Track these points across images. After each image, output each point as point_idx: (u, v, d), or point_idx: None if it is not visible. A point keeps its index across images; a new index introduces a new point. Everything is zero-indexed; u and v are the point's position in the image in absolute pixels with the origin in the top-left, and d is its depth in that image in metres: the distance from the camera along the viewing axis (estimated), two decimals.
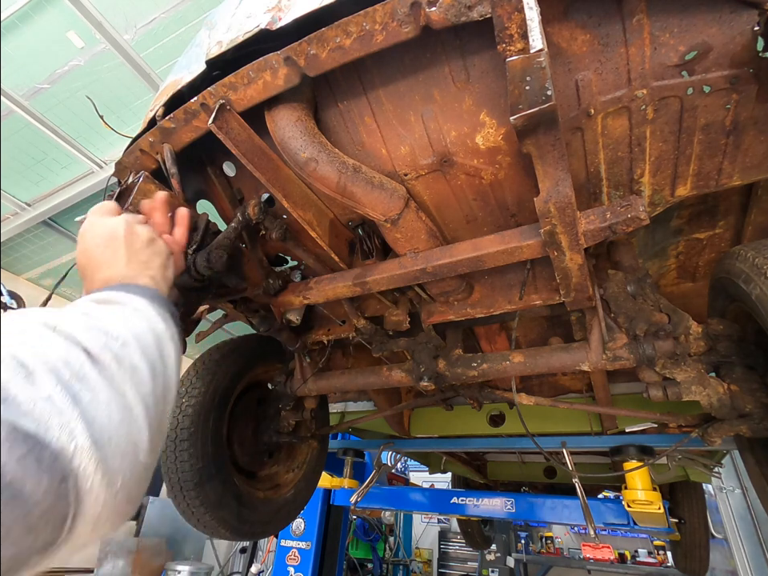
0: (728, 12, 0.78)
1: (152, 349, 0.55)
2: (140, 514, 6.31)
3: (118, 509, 0.43)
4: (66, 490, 0.36)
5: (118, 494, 0.42)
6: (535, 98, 0.69)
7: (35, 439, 0.34)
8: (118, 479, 0.42)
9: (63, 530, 0.37)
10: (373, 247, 1.30)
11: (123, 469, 0.43)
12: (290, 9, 0.87)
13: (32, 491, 0.34)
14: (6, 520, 0.32)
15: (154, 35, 3.39)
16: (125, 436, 0.44)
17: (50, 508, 0.35)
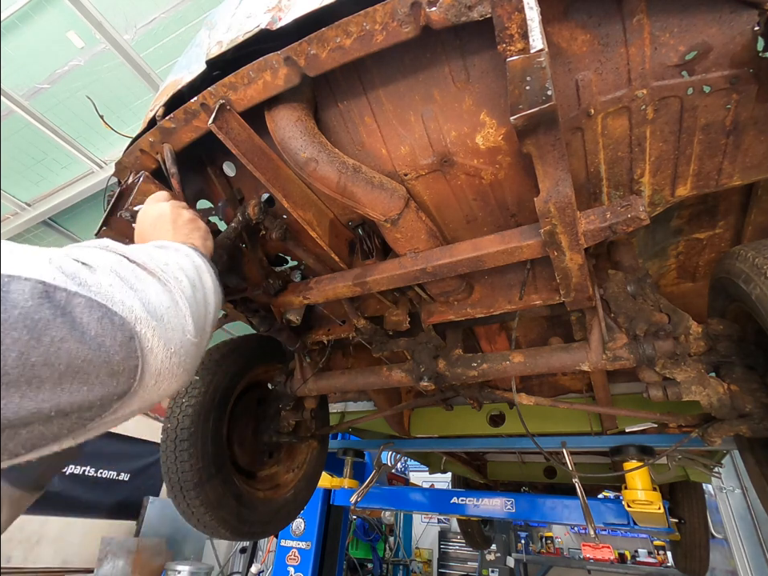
0: (728, 12, 0.78)
1: (192, 273, 0.66)
2: (140, 513, 6.31)
3: (174, 370, 0.54)
4: (133, 346, 0.47)
5: (172, 358, 0.54)
6: (535, 98, 0.69)
7: (106, 308, 0.45)
8: (170, 346, 0.53)
9: (135, 378, 0.48)
10: (373, 247, 1.30)
11: (174, 339, 0.54)
12: (290, 9, 0.87)
13: (111, 344, 0.45)
14: (96, 364, 0.43)
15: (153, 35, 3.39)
16: (174, 318, 0.55)
17: (124, 358, 0.46)
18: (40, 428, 0.41)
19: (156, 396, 0.54)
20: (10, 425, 0.38)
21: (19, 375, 0.37)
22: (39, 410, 0.39)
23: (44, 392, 0.39)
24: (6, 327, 0.37)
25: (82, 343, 0.42)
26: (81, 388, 0.42)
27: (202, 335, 0.63)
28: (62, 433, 0.43)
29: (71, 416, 0.43)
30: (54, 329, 0.40)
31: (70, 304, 0.42)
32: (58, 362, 0.40)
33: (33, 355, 0.38)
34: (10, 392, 0.37)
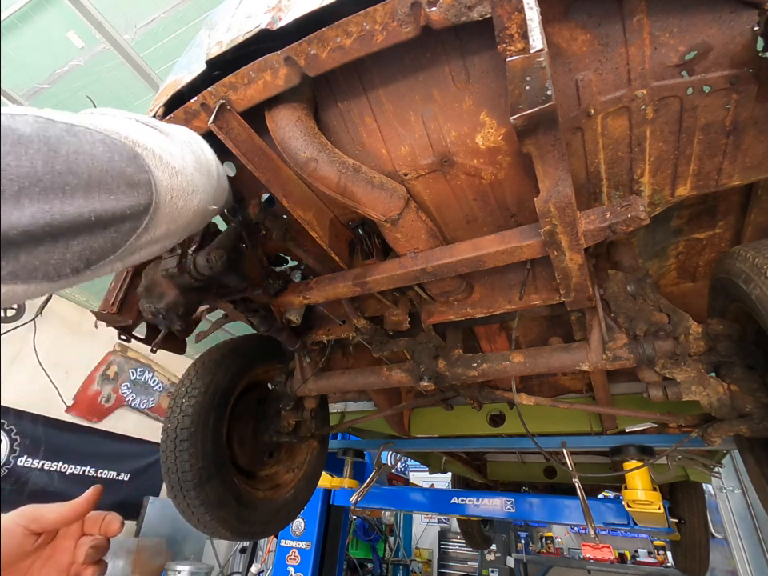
0: (728, 12, 0.78)
1: (186, 132, 0.73)
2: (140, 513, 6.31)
3: (184, 188, 0.59)
4: (140, 162, 0.52)
5: (178, 176, 0.58)
6: (535, 98, 0.69)
7: (104, 134, 0.49)
8: (173, 165, 0.58)
9: (152, 190, 0.53)
10: (373, 247, 1.30)
11: (174, 161, 0.58)
12: (290, 9, 0.87)
13: (119, 159, 0.49)
14: (113, 174, 0.48)
15: (154, 35, 3.39)
16: (169, 146, 0.60)
17: (136, 171, 0.51)
18: (88, 239, 0.46)
19: (177, 214, 0.59)
20: (60, 231, 0.42)
21: (51, 181, 0.41)
22: (80, 214, 0.44)
23: (78, 198, 0.44)
24: (24, 140, 0.41)
25: (95, 157, 0.46)
26: (108, 197, 0.47)
27: (207, 172, 0.69)
28: (107, 246, 0.49)
29: (110, 228, 0.48)
30: (66, 144, 0.44)
31: (72, 129, 0.46)
32: (80, 171, 0.44)
33: (56, 163, 0.42)
34: (49, 197, 0.41)
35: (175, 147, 0.62)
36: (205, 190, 0.67)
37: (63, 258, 0.44)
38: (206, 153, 0.75)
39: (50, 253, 0.43)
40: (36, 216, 0.40)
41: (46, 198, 0.41)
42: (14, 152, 0.40)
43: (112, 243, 0.49)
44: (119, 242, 0.50)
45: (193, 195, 0.62)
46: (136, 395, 6.79)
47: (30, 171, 0.40)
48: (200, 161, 0.69)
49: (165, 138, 0.62)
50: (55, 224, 0.42)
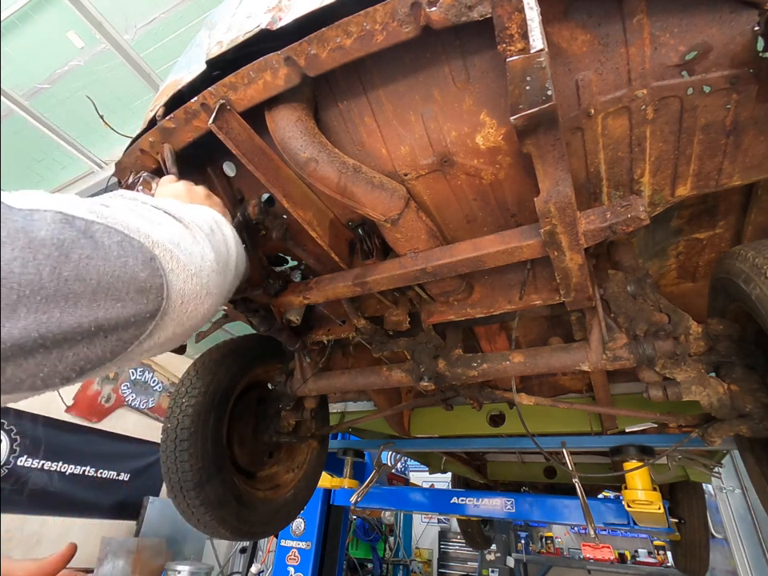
0: (728, 12, 0.77)
1: (209, 220, 0.70)
2: (140, 513, 6.31)
3: (197, 291, 0.57)
4: (155, 265, 0.50)
5: (194, 279, 0.57)
6: (535, 98, 0.69)
7: (123, 233, 0.48)
8: (190, 267, 0.56)
9: (163, 296, 0.51)
10: (373, 247, 1.30)
11: (193, 262, 0.57)
12: (290, 9, 0.87)
13: (134, 263, 0.48)
14: (124, 280, 0.46)
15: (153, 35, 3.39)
16: (190, 245, 0.59)
17: (149, 276, 0.49)
18: (84, 349, 0.43)
19: (185, 319, 0.56)
20: (56, 342, 0.40)
21: (56, 290, 0.40)
22: (80, 324, 0.42)
23: (81, 308, 0.42)
24: (35, 245, 0.39)
25: (108, 261, 0.45)
26: (115, 304, 0.45)
27: (224, 269, 0.67)
28: (105, 355, 0.46)
29: (111, 336, 0.46)
30: (80, 247, 0.43)
31: (89, 229, 0.45)
32: (89, 278, 0.43)
33: (65, 270, 0.41)
34: (50, 306, 0.39)
35: (196, 245, 0.60)
36: (219, 292, 0.64)
37: (54, 370, 0.41)
38: (227, 242, 0.72)
39: (40, 365, 0.40)
40: (30, 327, 0.38)
41: (46, 307, 0.39)
42: (21, 257, 0.38)
43: (111, 351, 0.46)
44: (119, 349, 0.47)
45: (205, 298, 0.59)
46: (136, 395, 6.79)
47: (33, 278, 0.38)
48: (220, 255, 0.66)
49: (188, 233, 0.59)
50: (50, 336, 0.40)
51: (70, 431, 5.88)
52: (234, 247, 0.74)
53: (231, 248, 0.73)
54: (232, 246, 0.74)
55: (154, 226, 0.54)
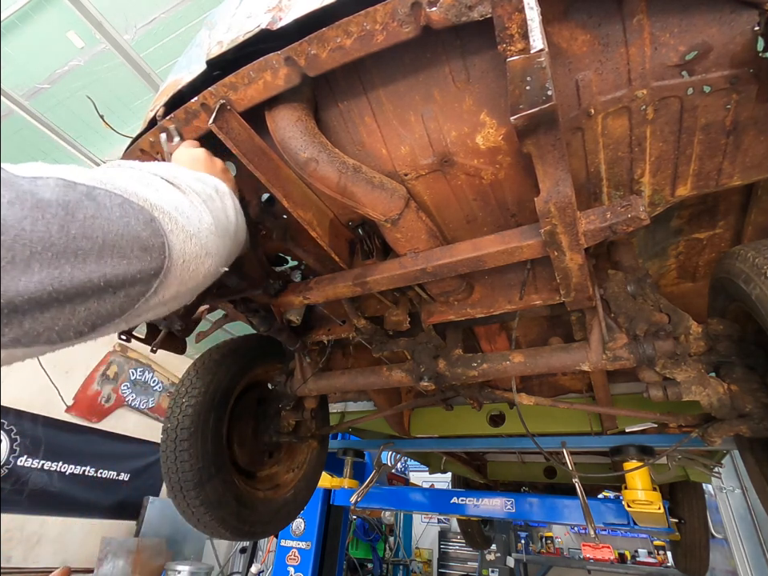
0: (728, 12, 0.78)
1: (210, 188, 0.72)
2: (140, 513, 6.31)
3: (197, 252, 0.60)
4: (156, 226, 0.53)
5: (192, 239, 0.59)
6: (535, 98, 0.69)
7: (123, 197, 0.50)
8: (189, 229, 0.58)
9: (165, 254, 0.53)
10: (373, 247, 1.30)
11: (191, 224, 0.59)
12: (290, 9, 0.87)
13: (135, 223, 0.50)
14: (128, 239, 0.48)
15: (154, 35, 3.39)
16: (187, 208, 0.60)
17: (151, 235, 0.51)
18: (95, 304, 0.46)
19: (188, 277, 0.59)
20: (68, 296, 0.42)
21: (65, 246, 0.42)
22: (90, 279, 0.44)
23: (90, 263, 0.44)
24: (42, 205, 0.41)
25: (111, 221, 0.47)
26: (121, 261, 0.47)
27: (223, 233, 0.69)
28: (114, 311, 0.48)
29: (119, 292, 0.48)
30: (84, 208, 0.45)
31: (91, 193, 0.47)
32: (95, 235, 0.45)
33: (72, 228, 0.43)
34: (61, 262, 0.41)
35: (193, 209, 0.62)
36: (218, 253, 0.67)
37: (68, 324, 0.44)
38: (227, 210, 0.75)
39: (55, 319, 0.43)
40: (44, 282, 0.40)
41: (57, 262, 0.41)
42: (30, 216, 0.40)
43: (120, 307, 0.49)
44: (127, 305, 0.50)
45: (205, 258, 0.62)
46: (136, 395, 6.79)
47: (44, 235, 0.40)
48: (218, 221, 0.69)
49: (184, 198, 0.62)
50: (63, 290, 0.42)
51: (70, 431, 5.88)
52: (233, 216, 0.77)
53: (230, 216, 0.75)
54: (231, 215, 0.76)
55: (151, 190, 0.56)
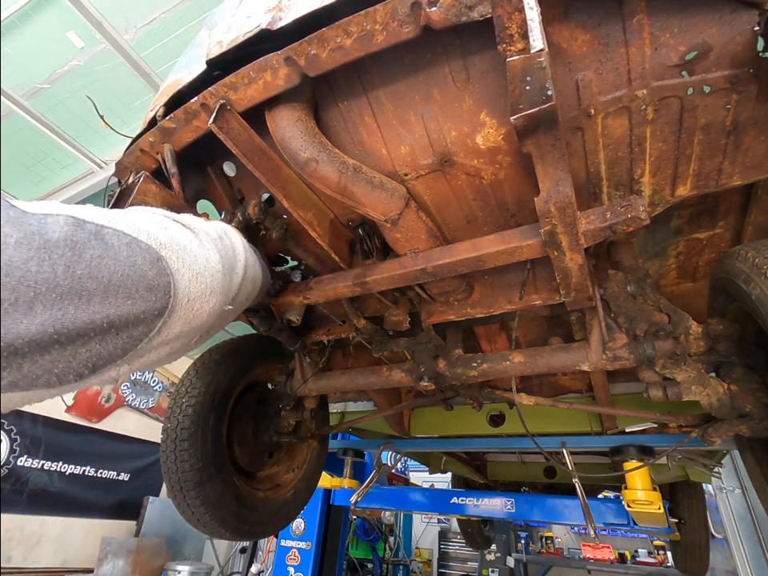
0: (728, 12, 0.78)
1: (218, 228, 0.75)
2: (140, 513, 6.31)
3: (202, 290, 0.60)
4: (162, 265, 0.53)
5: (198, 278, 0.59)
6: (535, 98, 0.69)
7: (131, 236, 0.51)
8: (195, 268, 0.59)
9: (170, 294, 0.53)
10: (373, 247, 1.30)
11: (198, 263, 0.60)
12: (290, 9, 0.87)
13: (142, 263, 0.50)
14: (134, 279, 0.48)
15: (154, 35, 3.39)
16: (196, 248, 0.61)
17: (157, 275, 0.52)
18: (96, 346, 0.45)
19: (192, 317, 0.59)
20: (69, 338, 0.42)
21: (70, 287, 0.42)
22: (92, 320, 0.44)
23: (94, 304, 0.44)
24: (50, 245, 0.41)
25: (118, 261, 0.47)
26: (125, 302, 0.47)
27: (230, 271, 0.70)
28: (116, 352, 0.48)
29: (122, 333, 0.48)
30: (92, 248, 0.45)
31: (100, 232, 0.47)
32: (101, 276, 0.45)
33: (78, 269, 0.43)
34: (64, 303, 0.41)
35: (201, 248, 0.63)
36: (223, 291, 0.67)
37: (69, 366, 0.43)
38: (235, 250, 0.75)
39: (55, 361, 0.42)
40: (46, 324, 0.40)
41: (61, 304, 0.41)
42: (37, 257, 0.40)
43: (122, 348, 0.49)
44: (129, 346, 0.50)
45: (210, 297, 0.63)
46: (136, 395, 6.79)
47: (49, 276, 0.40)
48: (226, 259, 0.69)
49: (194, 237, 0.63)
50: (65, 331, 0.41)
51: (70, 431, 5.88)
52: (242, 253, 0.77)
53: (239, 254, 0.76)
54: (240, 252, 0.76)
55: (161, 229, 0.56)
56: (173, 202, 1.08)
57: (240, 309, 0.81)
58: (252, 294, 0.83)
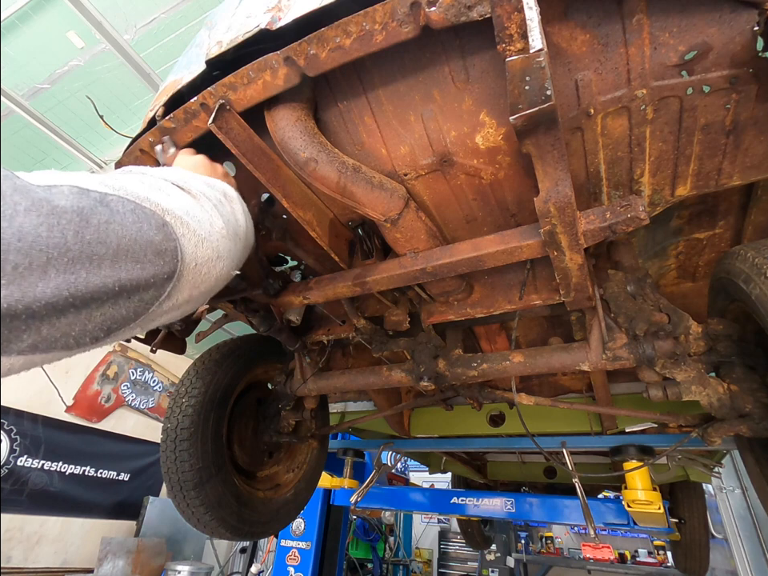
0: (728, 12, 0.77)
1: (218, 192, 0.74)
2: (140, 513, 6.31)
3: (209, 255, 0.61)
4: (168, 230, 0.53)
5: (204, 243, 0.60)
6: (535, 98, 0.69)
7: (135, 203, 0.51)
8: (200, 232, 0.59)
9: (178, 258, 0.54)
10: (373, 247, 1.30)
11: (202, 228, 0.60)
12: (289, 9, 0.87)
13: (148, 228, 0.50)
14: (141, 243, 0.49)
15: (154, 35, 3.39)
16: (199, 212, 0.62)
17: (164, 239, 0.52)
18: (110, 309, 0.46)
19: (200, 281, 0.59)
20: (84, 302, 0.43)
21: (80, 251, 0.43)
22: (105, 284, 0.45)
23: (105, 268, 0.45)
24: (58, 212, 0.42)
25: (124, 226, 0.48)
26: (135, 266, 0.48)
27: (234, 236, 0.70)
28: (129, 315, 0.49)
29: (134, 297, 0.48)
30: (98, 214, 0.46)
31: (104, 199, 0.48)
32: (109, 240, 0.45)
33: (87, 234, 0.43)
34: (76, 267, 0.42)
35: (204, 213, 0.63)
36: (229, 256, 0.68)
37: (84, 329, 0.44)
38: (236, 214, 0.76)
39: (72, 324, 0.43)
40: (61, 287, 0.41)
41: (73, 268, 0.42)
42: (46, 223, 0.41)
43: (134, 311, 0.49)
44: (141, 310, 0.50)
45: (217, 262, 0.63)
46: (136, 395, 6.79)
47: (59, 241, 0.41)
48: (229, 224, 0.70)
49: (195, 202, 0.63)
50: (79, 295, 0.42)
51: (70, 431, 5.88)
52: (242, 219, 0.78)
53: (240, 219, 0.76)
54: (241, 218, 0.77)
55: (162, 195, 0.57)
56: None
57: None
58: (243, 260, 0.84)
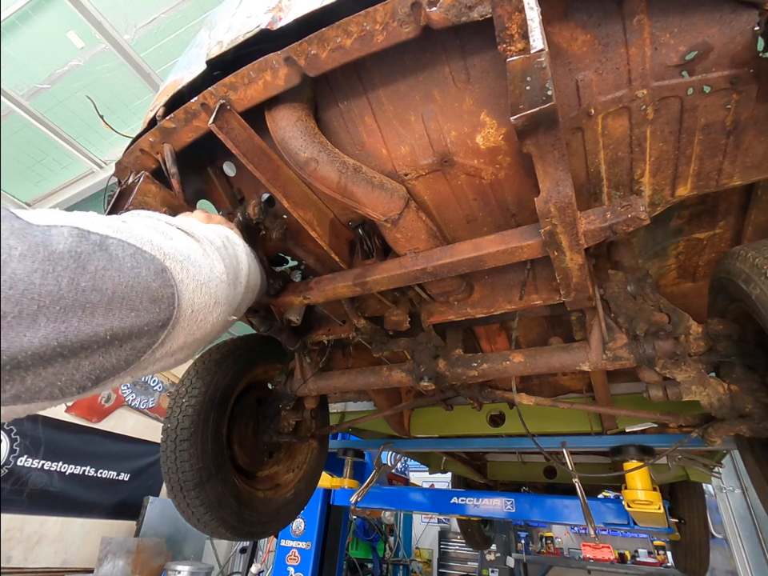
0: (728, 12, 0.78)
1: (221, 236, 0.73)
2: (140, 513, 6.31)
3: (207, 302, 0.60)
4: (167, 276, 0.52)
5: (203, 289, 0.59)
6: (536, 98, 0.69)
7: (136, 247, 0.50)
8: (199, 278, 0.58)
9: (174, 305, 0.53)
10: (373, 247, 1.30)
11: (202, 274, 0.60)
12: (290, 9, 0.87)
13: (146, 274, 0.49)
14: (138, 291, 0.48)
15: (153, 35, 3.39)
16: (200, 257, 0.61)
17: (161, 286, 0.51)
18: (100, 358, 0.45)
19: (195, 327, 0.58)
20: (73, 351, 0.42)
21: (74, 300, 0.41)
22: (96, 333, 0.43)
23: (98, 317, 0.43)
24: (55, 257, 0.41)
25: (122, 272, 0.47)
26: (129, 314, 0.47)
27: (234, 281, 0.69)
28: (119, 364, 0.48)
29: (125, 345, 0.47)
30: (96, 259, 0.45)
31: (104, 243, 0.47)
32: (105, 288, 0.44)
33: (82, 281, 0.42)
34: (68, 316, 0.41)
35: (206, 258, 0.62)
36: (227, 302, 0.67)
37: (72, 378, 0.43)
38: (239, 258, 0.75)
39: (58, 374, 0.42)
40: (50, 337, 0.39)
41: (64, 316, 0.41)
42: (41, 269, 0.39)
43: (125, 360, 0.48)
44: (133, 358, 0.49)
45: (214, 308, 0.62)
46: (136, 395, 6.79)
47: (53, 289, 0.40)
48: (230, 268, 0.69)
49: (198, 246, 0.62)
50: (68, 344, 0.41)
51: (70, 431, 5.88)
52: (245, 261, 0.77)
53: (242, 262, 0.75)
54: (243, 261, 0.76)
55: (165, 239, 0.56)
56: (173, 202, 1.08)
57: (239, 317, 0.81)
58: (250, 302, 0.83)
